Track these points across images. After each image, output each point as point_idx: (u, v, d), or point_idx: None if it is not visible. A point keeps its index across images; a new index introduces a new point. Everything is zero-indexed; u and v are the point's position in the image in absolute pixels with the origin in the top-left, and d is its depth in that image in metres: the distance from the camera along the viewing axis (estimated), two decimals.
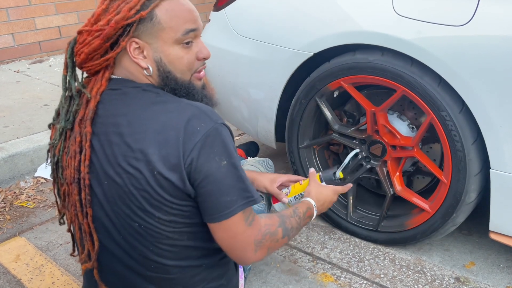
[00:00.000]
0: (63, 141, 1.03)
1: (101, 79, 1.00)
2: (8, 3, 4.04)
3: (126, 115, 0.96)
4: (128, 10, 0.93)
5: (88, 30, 0.97)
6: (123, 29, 0.95)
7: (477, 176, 1.48)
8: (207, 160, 0.92)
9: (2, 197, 2.22)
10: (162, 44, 0.97)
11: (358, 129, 1.76)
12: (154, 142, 0.92)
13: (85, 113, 0.99)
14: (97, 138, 0.98)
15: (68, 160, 1.00)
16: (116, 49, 0.96)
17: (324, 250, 1.78)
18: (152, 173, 0.93)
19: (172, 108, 0.95)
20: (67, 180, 1.01)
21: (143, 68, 0.99)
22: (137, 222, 0.98)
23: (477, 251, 1.76)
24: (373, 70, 1.55)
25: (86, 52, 0.97)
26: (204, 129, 0.92)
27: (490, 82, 1.33)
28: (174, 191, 0.94)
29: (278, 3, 1.83)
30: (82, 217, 1.00)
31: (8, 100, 3.17)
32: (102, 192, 0.99)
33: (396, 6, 1.49)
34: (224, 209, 0.94)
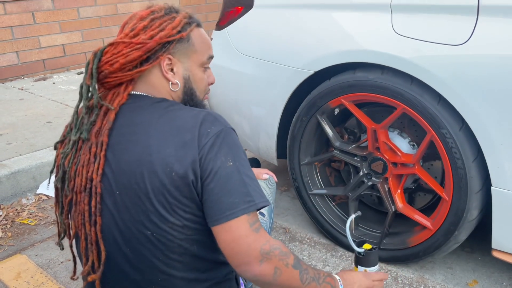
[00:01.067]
0: (74, 153, 1.04)
1: (123, 92, 1.04)
2: (13, 21, 4.10)
3: (142, 123, 1.00)
4: (171, 28, 1.03)
5: (127, 42, 1.01)
6: (163, 45, 1.03)
7: (478, 194, 1.48)
8: (214, 158, 0.95)
9: (4, 214, 2.22)
10: (192, 64, 1.09)
11: (359, 146, 1.76)
12: (171, 144, 0.96)
13: (102, 124, 1.02)
14: (111, 149, 1.00)
15: (78, 170, 1.01)
16: (152, 62, 1.03)
17: (326, 268, 1.77)
18: (169, 175, 0.95)
19: (186, 114, 1.01)
20: (76, 189, 1.01)
21: (169, 82, 1.06)
22: (149, 230, 0.99)
23: (480, 269, 1.75)
24: (373, 88, 1.57)
25: (122, 63, 1.01)
26: (215, 131, 0.97)
27: (489, 100, 1.35)
28: (189, 193, 0.96)
29: (279, 22, 1.86)
30: (89, 226, 1.00)
31: (11, 117, 3.20)
32: (113, 203, 1.00)
33: (395, 26, 1.51)
34: (226, 210, 0.94)
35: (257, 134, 2.00)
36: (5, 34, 4.08)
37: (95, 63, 1.02)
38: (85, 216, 1.00)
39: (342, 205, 1.93)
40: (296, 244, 1.93)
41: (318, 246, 1.91)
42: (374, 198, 1.96)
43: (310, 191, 1.91)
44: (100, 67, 1.02)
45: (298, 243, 1.94)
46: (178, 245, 1.01)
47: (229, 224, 0.94)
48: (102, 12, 4.75)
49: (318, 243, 1.93)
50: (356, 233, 1.82)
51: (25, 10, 4.16)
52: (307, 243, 1.93)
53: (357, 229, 1.84)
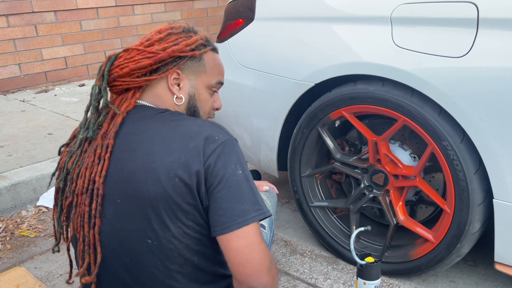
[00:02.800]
0: (79, 154, 1.05)
1: (131, 98, 1.06)
2: (15, 34, 4.14)
3: (146, 132, 1.01)
4: (185, 45, 1.07)
5: (141, 49, 1.05)
6: (174, 59, 1.07)
7: (480, 206, 1.47)
8: (224, 166, 0.96)
9: (4, 226, 2.21)
10: (199, 83, 1.12)
11: (360, 158, 1.76)
12: (174, 151, 0.97)
13: (109, 127, 1.04)
14: (114, 157, 1.01)
15: (82, 171, 1.02)
16: (161, 73, 1.06)
17: (328, 281, 1.76)
18: (172, 181, 0.95)
19: (190, 123, 1.03)
20: (78, 191, 1.02)
21: (174, 96, 1.09)
22: (150, 239, 0.99)
23: (483, 282, 1.73)
24: (374, 100, 1.57)
25: (131, 68, 1.03)
26: (221, 139, 0.99)
27: (490, 112, 1.35)
28: (192, 199, 0.97)
29: (280, 35, 1.87)
30: (88, 228, 1.00)
31: (12, 129, 3.20)
32: (113, 211, 1.00)
33: (395, 38, 1.52)
34: (238, 217, 0.94)
35: (258, 146, 2.00)
36: (8, 46, 4.11)
37: (108, 66, 1.05)
38: (85, 218, 1.00)
39: (344, 217, 1.92)
40: (297, 257, 1.92)
41: (319, 259, 1.90)
42: (376, 211, 1.95)
43: (311, 203, 1.90)
44: (111, 70, 1.05)
45: (299, 255, 1.93)
46: (179, 254, 1.00)
47: (243, 230, 0.93)
48: (104, 25, 4.79)
49: (319, 256, 1.92)
50: (358, 246, 1.81)
51: (28, 23, 4.20)
52: (308, 256, 1.92)
53: (359, 242, 1.82)
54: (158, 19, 5.27)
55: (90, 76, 4.75)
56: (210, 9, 5.86)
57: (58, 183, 1.08)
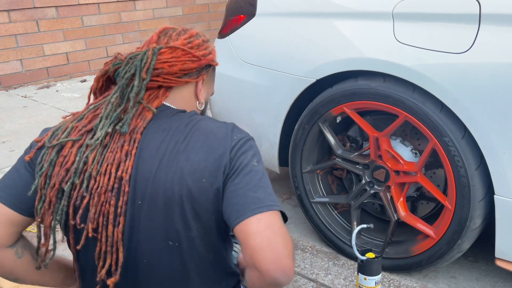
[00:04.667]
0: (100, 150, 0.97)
1: (162, 96, 1.05)
2: (17, 30, 4.13)
3: (169, 130, 1.00)
4: (214, 54, 1.12)
5: (186, 51, 1.03)
6: (206, 66, 1.09)
7: (481, 202, 1.47)
8: (241, 156, 0.97)
9: None
10: (209, 91, 1.17)
11: (361, 154, 1.76)
12: (200, 151, 0.97)
13: (137, 122, 1.00)
14: (137, 153, 0.97)
15: (106, 168, 0.96)
16: (196, 78, 1.08)
17: (328, 277, 1.76)
18: (200, 181, 0.94)
19: (211, 124, 1.03)
20: (100, 189, 0.95)
21: (197, 101, 1.12)
22: (171, 240, 0.97)
23: (484, 278, 1.73)
24: (375, 96, 1.57)
25: (180, 68, 1.03)
26: (241, 137, 1.01)
27: (492, 108, 1.35)
28: (215, 198, 0.96)
29: (281, 30, 1.86)
30: (112, 227, 0.95)
31: (14, 124, 3.21)
32: (132, 212, 0.96)
33: (397, 34, 1.52)
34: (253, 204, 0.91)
35: (259, 142, 2.00)
36: (9, 42, 4.11)
37: (154, 59, 1.00)
38: (109, 217, 0.94)
39: (345, 213, 1.93)
40: (298, 253, 1.92)
41: (320, 255, 1.90)
42: (377, 207, 1.95)
43: (312, 199, 1.91)
44: (155, 65, 1.00)
45: (300, 251, 1.93)
46: (197, 253, 1.00)
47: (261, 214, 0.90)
48: (106, 21, 4.78)
49: (320, 251, 1.92)
50: (359, 242, 1.81)
51: (29, 18, 4.20)
52: (309, 252, 1.92)
53: (360, 238, 1.83)
54: (159, 15, 5.26)
55: (91, 72, 4.75)
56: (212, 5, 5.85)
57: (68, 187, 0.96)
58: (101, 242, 0.97)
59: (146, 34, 5.17)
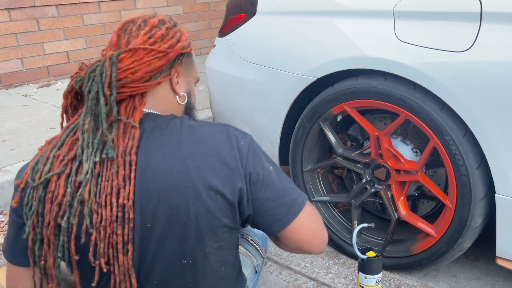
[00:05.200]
0: (93, 182, 0.89)
1: (139, 105, 0.94)
2: (17, 28, 4.13)
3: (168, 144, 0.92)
4: (185, 40, 0.99)
5: (148, 49, 0.92)
6: (177, 57, 0.98)
7: (482, 201, 1.47)
8: (260, 168, 0.96)
9: (6, 220, 2.21)
10: (191, 80, 1.07)
11: (362, 153, 1.76)
12: (211, 166, 0.91)
13: (125, 143, 0.90)
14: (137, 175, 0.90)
15: (105, 199, 0.88)
16: (168, 73, 0.98)
17: (329, 276, 1.76)
18: (214, 197, 0.91)
19: (211, 131, 0.97)
20: (105, 222, 0.88)
21: (177, 95, 1.02)
22: (185, 258, 0.94)
23: (484, 277, 1.73)
24: (376, 95, 1.57)
25: (145, 71, 0.91)
26: (246, 143, 0.97)
27: (493, 106, 1.34)
28: (232, 213, 0.95)
29: (282, 29, 1.86)
30: (122, 256, 0.89)
31: (15, 123, 3.21)
32: (141, 236, 0.91)
33: (398, 32, 1.51)
34: (291, 208, 0.98)
35: (259, 141, 2.00)
36: (10, 40, 4.11)
37: (114, 70, 0.89)
38: (118, 247, 0.89)
39: (345, 212, 1.92)
40: None
41: (320, 253, 1.90)
42: (377, 205, 1.95)
43: (312, 198, 1.91)
44: (117, 75, 0.90)
45: None
46: (210, 269, 0.98)
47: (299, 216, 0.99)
48: (106, 19, 4.78)
49: None
50: (359, 241, 1.81)
51: (29, 17, 4.19)
52: None
53: (360, 237, 1.83)
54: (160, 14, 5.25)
55: None
56: (212, 3, 5.84)
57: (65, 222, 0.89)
58: (114, 274, 0.91)
59: None
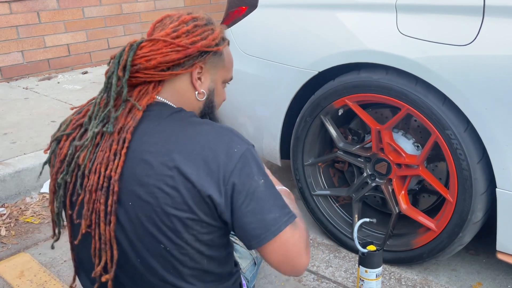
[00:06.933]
0: (90, 148, 0.99)
1: (152, 91, 1.01)
2: (18, 21, 4.12)
3: (163, 133, 0.97)
4: (212, 39, 1.04)
5: (168, 41, 0.99)
6: (200, 54, 1.03)
7: (483, 195, 1.47)
8: (248, 179, 0.95)
9: (8, 213, 2.22)
10: (218, 78, 1.11)
11: (363, 147, 1.76)
12: (193, 162, 0.93)
13: (126, 121, 0.98)
14: (129, 153, 0.96)
15: (96, 167, 0.96)
16: (187, 68, 1.02)
17: (329, 269, 1.77)
18: (192, 192, 0.93)
19: (208, 130, 0.99)
20: (92, 187, 0.96)
21: (195, 91, 1.06)
22: (162, 244, 0.97)
23: (485, 271, 1.74)
24: (378, 89, 1.56)
25: (159, 61, 0.98)
26: (240, 151, 0.96)
27: (495, 101, 1.34)
28: (210, 211, 0.95)
29: (284, 22, 1.85)
30: (104, 225, 0.96)
31: (16, 116, 3.21)
32: (124, 213, 0.96)
33: (400, 26, 1.50)
34: (272, 226, 0.96)
35: (260, 135, 2.00)
36: (11, 33, 4.10)
37: (131, 56, 0.98)
38: (101, 215, 0.96)
39: (346, 206, 1.93)
40: None
41: (321, 247, 1.91)
42: (378, 200, 1.95)
43: (313, 192, 1.91)
44: (133, 60, 0.98)
45: None
46: (190, 259, 1.00)
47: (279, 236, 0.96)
48: (107, 12, 4.76)
49: (321, 244, 1.93)
50: (360, 234, 1.81)
51: (30, 9, 4.18)
52: (310, 244, 1.93)
53: (361, 231, 1.83)
54: (161, 6, 5.23)
55: (93, 64, 4.74)
56: None
57: (62, 178, 1.01)
58: (95, 240, 0.98)
59: (148, 26, 5.14)
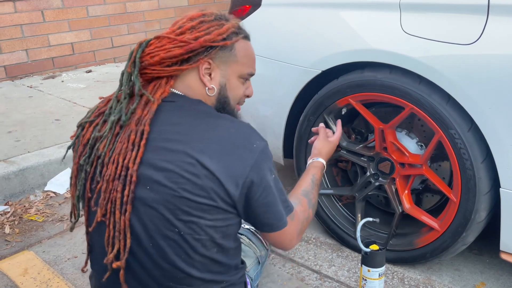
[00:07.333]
0: (110, 138, 1.03)
1: (165, 85, 1.05)
2: (22, 20, 4.13)
3: (181, 124, 1.01)
4: (217, 34, 1.05)
5: (172, 38, 1.03)
6: (205, 49, 1.05)
7: (487, 195, 1.46)
8: (265, 174, 1.01)
9: (12, 211, 2.23)
10: (230, 73, 1.11)
11: (366, 146, 1.75)
12: (213, 153, 0.97)
13: (143, 113, 1.02)
14: (148, 143, 1.00)
15: (114, 157, 1.00)
16: (191, 64, 1.05)
17: (332, 268, 1.77)
18: (210, 179, 0.96)
19: (228, 124, 1.03)
20: (109, 176, 1.00)
21: (206, 87, 1.08)
22: (177, 228, 0.99)
23: (488, 271, 1.73)
24: (382, 88, 1.56)
25: (162, 57, 1.02)
26: (259, 146, 1.01)
27: (499, 100, 1.33)
28: (226, 198, 0.99)
29: (287, 21, 1.85)
30: (119, 214, 0.99)
31: (20, 114, 3.22)
32: (140, 197, 0.99)
33: (404, 25, 1.50)
34: (280, 219, 1.08)
35: (263, 134, 1.99)
36: (15, 32, 4.11)
37: (139, 53, 1.04)
38: (116, 204, 0.99)
39: (349, 205, 1.92)
40: (302, 244, 1.93)
41: (324, 246, 1.90)
42: (381, 199, 1.95)
43: None
44: (142, 57, 1.04)
45: (304, 242, 1.93)
46: (202, 245, 1.02)
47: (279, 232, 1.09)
48: (111, 11, 4.77)
49: (324, 243, 1.93)
50: (363, 234, 1.81)
51: (34, 8, 4.19)
52: (313, 243, 1.93)
53: (364, 230, 1.83)
54: (164, 5, 5.24)
55: (96, 63, 4.75)
56: None
57: (84, 161, 1.05)
58: (109, 228, 1.01)
59: (151, 25, 5.15)
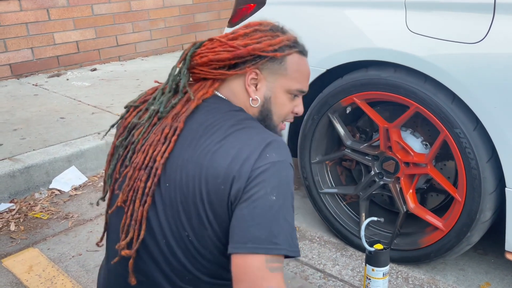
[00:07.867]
0: (147, 126, 1.05)
1: (209, 87, 1.06)
2: (28, 18, 4.15)
3: (214, 126, 1.00)
4: (268, 45, 1.02)
5: (223, 41, 1.04)
6: (253, 58, 1.03)
7: (492, 195, 1.46)
8: (259, 185, 0.90)
9: (17, 208, 2.25)
10: (277, 86, 1.06)
11: (371, 145, 1.75)
12: (227, 156, 0.94)
13: (182, 109, 1.03)
14: (179, 140, 1.00)
15: (145, 146, 1.02)
16: (238, 70, 1.04)
17: (336, 267, 1.76)
18: (218, 186, 0.93)
19: (255, 132, 0.99)
20: (137, 165, 1.01)
21: (249, 97, 1.06)
22: (187, 232, 0.98)
23: (493, 271, 1.72)
24: (386, 87, 1.55)
25: (210, 58, 1.03)
26: (274, 159, 0.92)
27: (505, 99, 1.32)
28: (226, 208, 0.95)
29: (291, 19, 1.84)
30: (139, 204, 0.99)
31: (25, 112, 3.24)
32: (159, 193, 1.00)
33: (409, 24, 1.49)
34: (249, 242, 0.88)
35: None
36: (21, 30, 4.13)
37: (191, 51, 1.06)
38: (138, 193, 0.99)
39: (353, 204, 1.92)
40: (306, 243, 1.92)
41: (328, 245, 1.90)
42: (386, 198, 1.94)
43: (320, 190, 1.90)
44: (193, 56, 1.06)
45: (308, 241, 1.93)
46: (210, 252, 1.01)
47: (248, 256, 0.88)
48: (116, 9, 4.78)
49: (328, 242, 1.93)
50: (367, 233, 1.81)
51: (40, 6, 4.21)
52: (317, 242, 1.93)
53: (368, 229, 1.82)
54: (169, 4, 5.24)
55: (101, 61, 4.76)
56: None
57: (120, 142, 1.08)
58: (126, 215, 1.01)
59: (156, 23, 5.16)
